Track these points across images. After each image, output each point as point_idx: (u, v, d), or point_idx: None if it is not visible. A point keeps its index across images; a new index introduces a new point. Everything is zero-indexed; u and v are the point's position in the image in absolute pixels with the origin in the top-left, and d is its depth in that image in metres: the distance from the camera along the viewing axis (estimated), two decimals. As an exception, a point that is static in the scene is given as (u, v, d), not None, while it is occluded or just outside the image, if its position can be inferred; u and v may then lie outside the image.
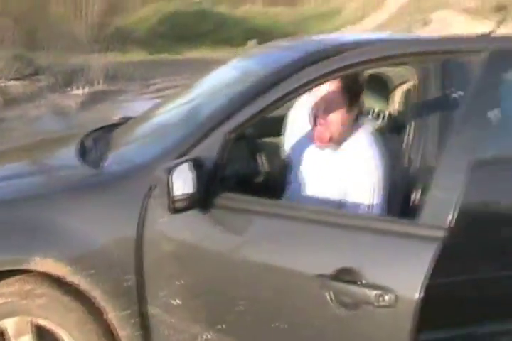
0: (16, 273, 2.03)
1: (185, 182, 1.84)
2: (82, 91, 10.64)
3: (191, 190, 1.85)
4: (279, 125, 2.66)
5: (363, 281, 1.67)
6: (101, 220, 2.05)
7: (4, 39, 13.19)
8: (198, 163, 1.90)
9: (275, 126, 2.73)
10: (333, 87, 2.12)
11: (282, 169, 2.54)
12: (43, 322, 2.06)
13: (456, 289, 2.13)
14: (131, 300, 2.03)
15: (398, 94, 2.67)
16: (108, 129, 2.98)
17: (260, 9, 26.34)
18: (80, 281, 2.01)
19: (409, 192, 2.19)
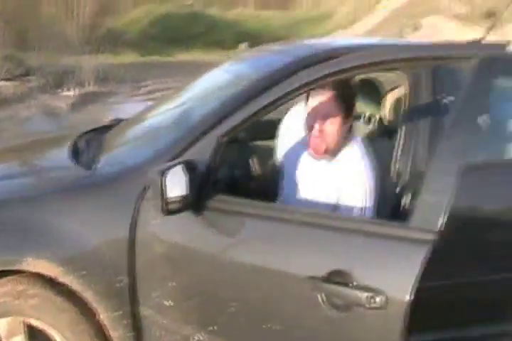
0: (9, 273, 2.03)
1: (178, 184, 1.85)
2: (73, 92, 10.60)
3: (184, 192, 1.86)
4: (272, 128, 2.68)
5: (355, 283, 1.68)
6: (94, 221, 2.05)
7: (-5, 39, 13.15)
8: (191, 166, 1.91)
9: (268, 130, 2.74)
10: (329, 100, 2.13)
11: (274, 173, 2.55)
12: (36, 322, 2.07)
13: (445, 292, 2.15)
14: (123, 301, 2.04)
15: (389, 99, 2.69)
16: (101, 131, 2.97)
17: (252, 12, 26.32)
18: (72, 282, 2.01)
19: (399, 195, 2.21)
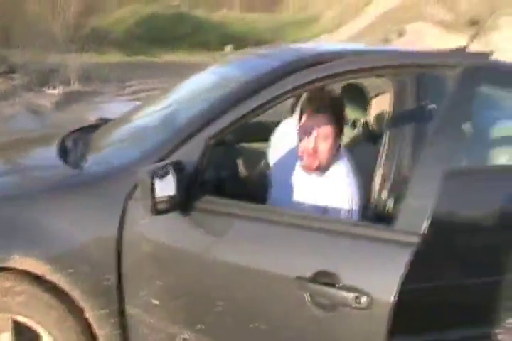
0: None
1: (167, 184, 1.88)
2: (58, 91, 10.54)
3: (172, 193, 1.89)
4: (259, 131, 2.71)
5: (341, 284, 1.71)
6: (82, 220, 2.06)
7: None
8: (179, 167, 1.94)
9: (255, 132, 2.77)
10: (324, 122, 2.22)
11: (262, 176, 2.59)
12: (23, 319, 2.07)
13: (426, 295, 2.19)
14: (110, 299, 2.05)
15: (374, 105, 2.73)
16: (88, 130, 2.98)
17: (238, 15, 26.29)
18: (60, 280, 2.02)
19: (384, 199, 2.25)
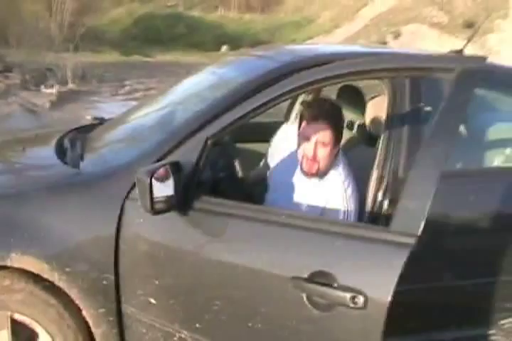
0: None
1: (164, 184, 1.89)
2: (54, 90, 10.52)
3: (170, 193, 1.90)
4: (258, 131, 2.72)
5: (337, 284, 1.72)
6: (80, 219, 2.08)
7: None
8: (177, 167, 1.95)
9: (253, 132, 2.78)
10: (325, 130, 2.26)
11: (259, 178, 2.60)
12: (20, 317, 2.08)
13: (421, 296, 2.21)
14: (107, 298, 2.06)
15: (371, 106, 2.74)
16: (86, 130, 2.99)
17: (234, 15, 26.33)
18: (57, 279, 2.03)
19: (380, 200, 2.26)
